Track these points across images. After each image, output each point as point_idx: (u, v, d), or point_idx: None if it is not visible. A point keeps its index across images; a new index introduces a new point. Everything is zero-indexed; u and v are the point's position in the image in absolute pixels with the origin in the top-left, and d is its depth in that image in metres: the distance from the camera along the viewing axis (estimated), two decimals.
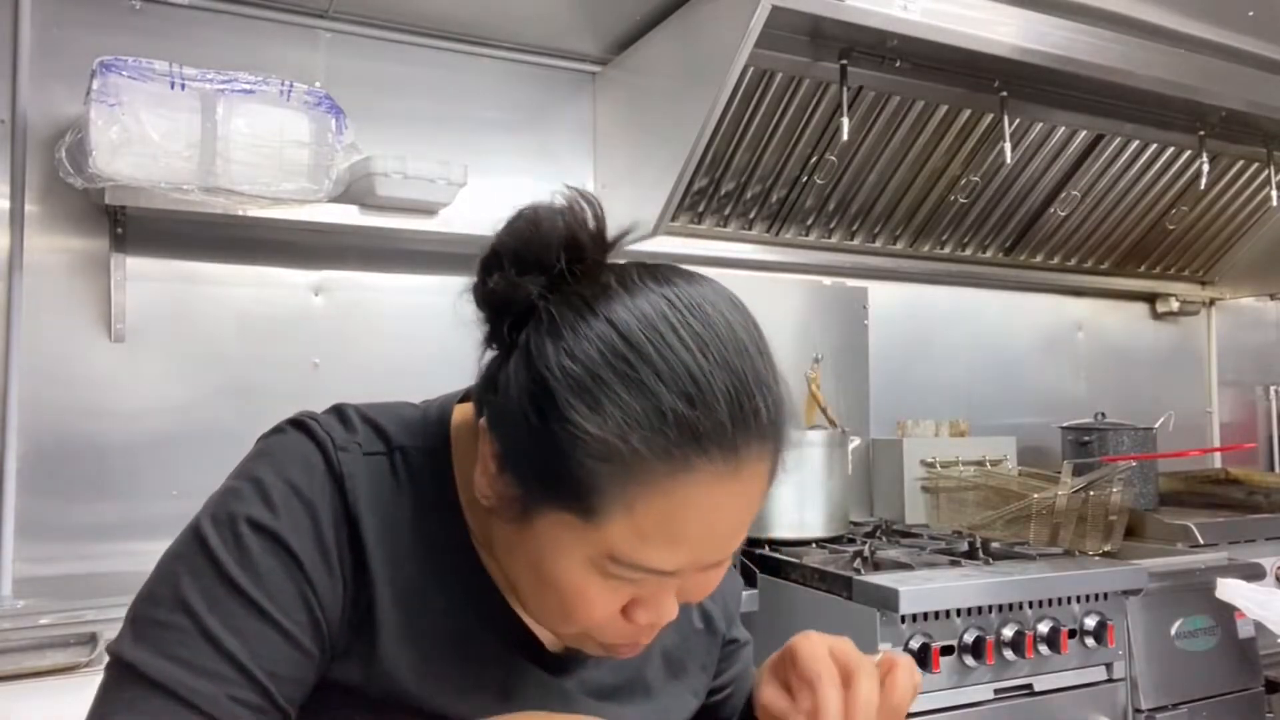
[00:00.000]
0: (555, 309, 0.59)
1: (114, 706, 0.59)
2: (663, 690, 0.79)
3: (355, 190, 1.83)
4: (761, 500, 0.65)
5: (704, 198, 2.24)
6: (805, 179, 2.29)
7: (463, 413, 0.73)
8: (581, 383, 0.56)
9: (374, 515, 0.66)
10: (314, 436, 0.67)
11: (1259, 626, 1.89)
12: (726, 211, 2.30)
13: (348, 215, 1.83)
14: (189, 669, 0.58)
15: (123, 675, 0.59)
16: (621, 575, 0.60)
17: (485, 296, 0.62)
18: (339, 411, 0.71)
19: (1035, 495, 2.01)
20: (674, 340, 0.58)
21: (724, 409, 0.57)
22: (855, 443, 2.10)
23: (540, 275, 0.60)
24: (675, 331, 0.58)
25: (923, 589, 1.54)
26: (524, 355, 0.59)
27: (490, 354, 0.64)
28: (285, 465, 0.66)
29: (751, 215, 2.34)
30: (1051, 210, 2.65)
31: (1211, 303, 3.22)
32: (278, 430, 0.69)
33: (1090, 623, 1.70)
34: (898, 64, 2.09)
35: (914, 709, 1.57)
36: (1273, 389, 3.31)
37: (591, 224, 0.62)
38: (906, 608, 1.52)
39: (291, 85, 1.77)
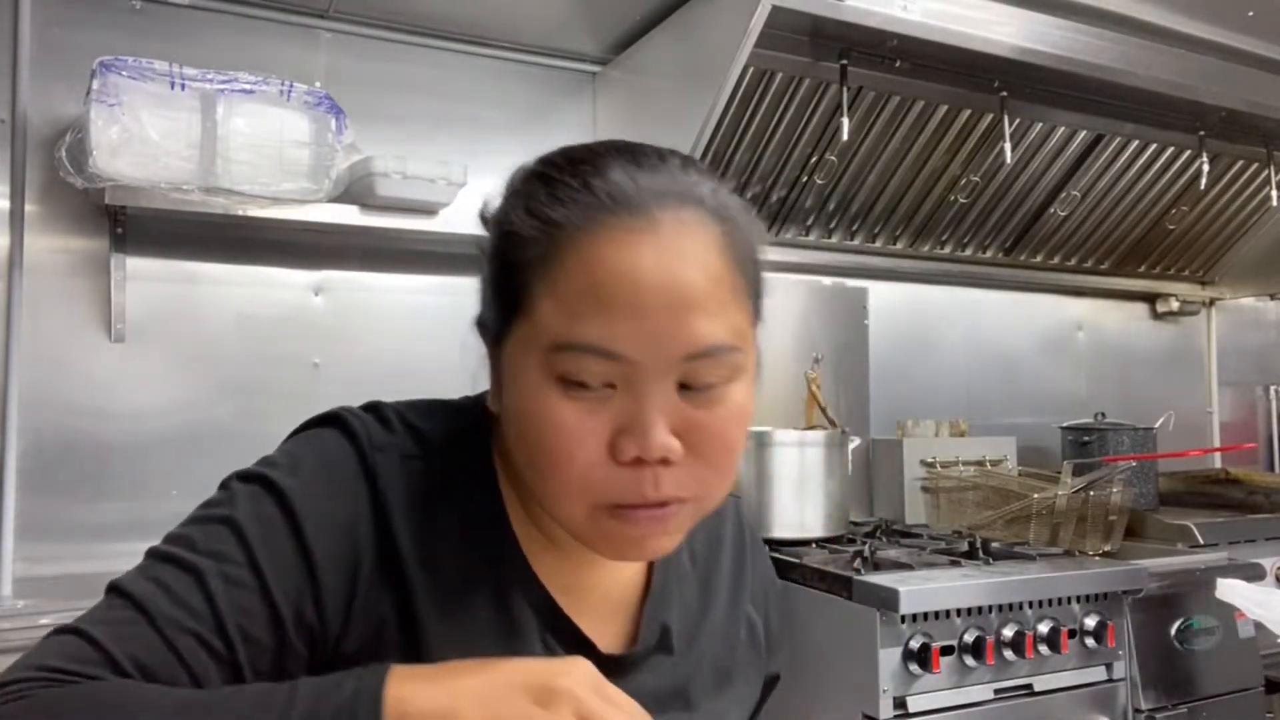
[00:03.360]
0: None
1: (90, 614, 0.60)
2: (708, 701, 0.78)
3: (355, 190, 1.83)
4: (705, 267, 0.62)
5: None
6: (805, 179, 2.29)
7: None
8: (508, 198, 0.65)
9: (410, 522, 0.66)
10: (351, 434, 0.68)
11: (1259, 626, 1.89)
12: None
13: (348, 215, 1.83)
14: (169, 597, 0.59)
15: (109, 591, 0.61)
16: (573, 371, 0.60)
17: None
18: (377, 412, 0.71)
19: (1035, 495, 2.00)
20: (580, 146, 0.65)
21: (623, 172, 0.62)
22: (855, 443, 2.10)
23: None
24: (587, 145, 0.65)
25: (923, 589, 1.54)
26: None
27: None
28: (322, 455, 0.67)
29: None
30: (1051, 210, 2.65)
31: (1211, 303, 3.23)
32: (316, 422, 0.70)
33: (1090, 623, 1.70)
34: (898, 64, 2.09)
35: (914, 709, 1.58)
36: (1273, 389, 3.31)
37: None
38: (906, 608, 1.52)
39: (291, 85, 1.77)
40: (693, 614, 0.78)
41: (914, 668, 1.54)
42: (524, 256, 0.62)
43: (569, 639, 0.70)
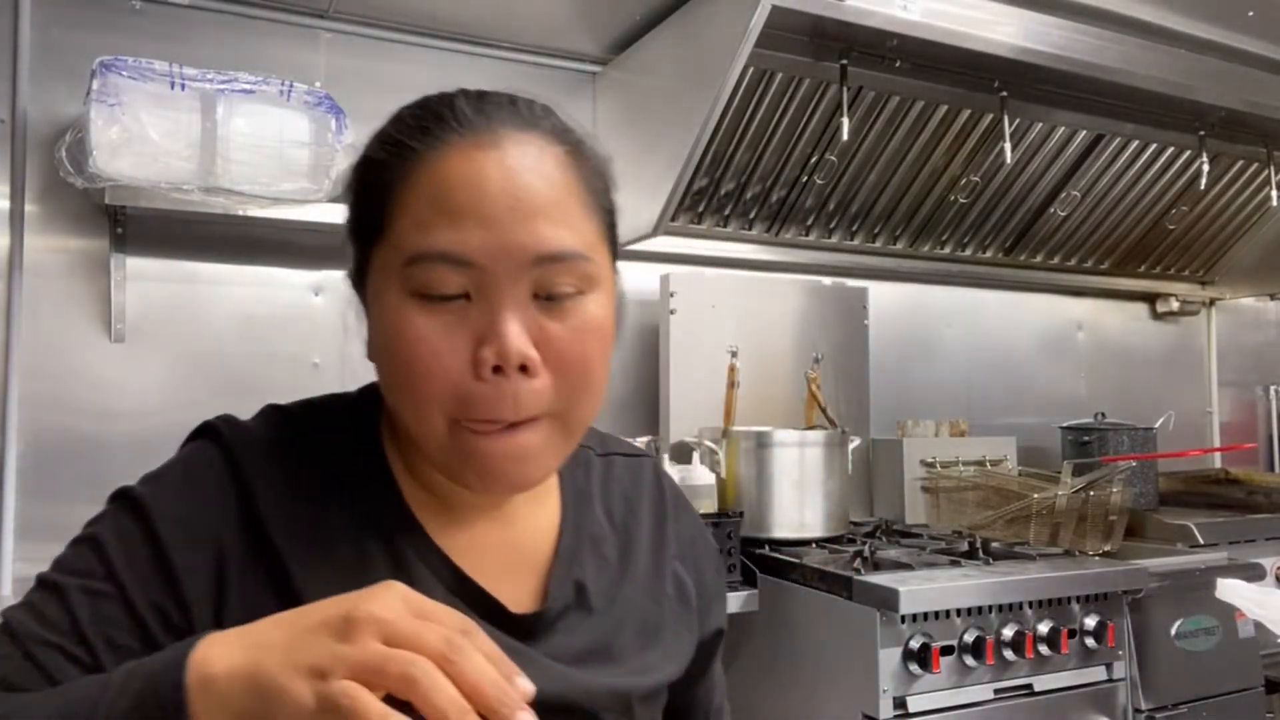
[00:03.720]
0: None
1: None
2: (634, 657, 0.77)
3: None
4: (548, 179, 0.66)
5: (704, 198, 2.24)
6: (805, 179, 2.29)
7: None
8: (369, 141, 0.70)
9: (285, 509, 0.67)
10: (216, 437, 0.71)
11: (1259, 626, 1.89)
12: (726, 211, 2.30)
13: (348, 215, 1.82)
14: (34, 616, 0.62)
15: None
16: (427, 282, 0.63)
17: None
18: (261, 412, 0.74)
19: (1035, 495, 2.00)
20: (434, 94, 0.70)
21: (470, 104, 0.67)
22: (855, 443, 2.10)
23: None
24: (439, 92, 0.70)
25: (923, 589, 1.54)
26: None
27: None
28: (184, 464, 0.70)
29: (751, 215, 2.34)
30: (1051, 210, 2.65)
31: (1211, 303, 3.23)
32: (190, 436, 0.73)
33: (1090, 623, 1.70)
34: (898, 64, 2.09)
35: (914, 709, 1.58)
36: (1273, 389, 3.31)
37: None
38: (906, 608, 1.52)
39: (291, 85, 1.77)
40: (613, 572, 0.79)
41: (914, 668, 1.54)
42: (380, 180, 0.67)
43: (475, 601, 0.70)
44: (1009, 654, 1.62)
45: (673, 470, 1.85)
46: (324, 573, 0.66)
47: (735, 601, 1.76)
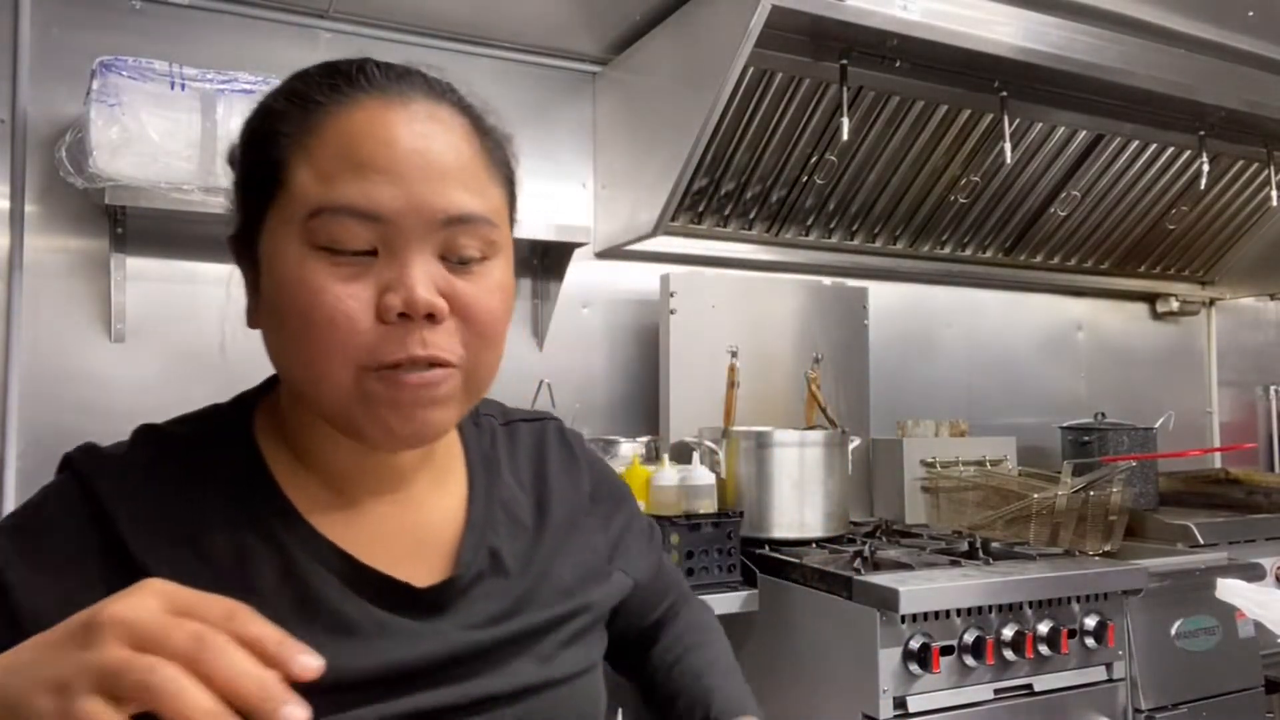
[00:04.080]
0: None
1: None
2: (556, 608, 0.77)
3: None
4: (456, 147, 0.66)
5: (704, 198, 2.24)
6: (805, 179, 2.29)
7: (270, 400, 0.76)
8: (267, 95, 0.69)
9: (147, 527, 0.65)
10: (73, 470, 0.69)
11: (1259, 626, 1.89)
12: (726, 211, 2.30)
13: None
14: None
15: None
16: (333, 235, 0.62)
17: None
18: (133, 434, 0.72)
19: (1035, 495, 2.00)
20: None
21: (376, 65, 0.67)
22: (855, 443, 2.10)
23: None
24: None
25: (923, 589, 1.54)
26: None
27: None
28: (38, 509, 0.68)
29: (751, 215, 2.34)
30: (1051, 210, 2.65)
31: (1211, 303, 3.22)
32: (58, 468, 0.71)
33: (1090, 623, 1.70)
34: (898, 64, 2.09)
35: (914, 709, 1.58)
36: (1273, 389, 3.31)
37: None
38: (906, 608, 1.52)
39: None
40: (528, 535, 0.79)
41: (914, 668, 1.54)
42: (280, 131, 0.65)
43: (373, 584, 0.68)
44: (1009, 654, 1.62)
45: (673, 470, 1.85)
46: (201, 584, 0.61)
47: (735, 601, 1.76)
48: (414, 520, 0.74)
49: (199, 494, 0.68)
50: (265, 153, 0.66)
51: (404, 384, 0.63)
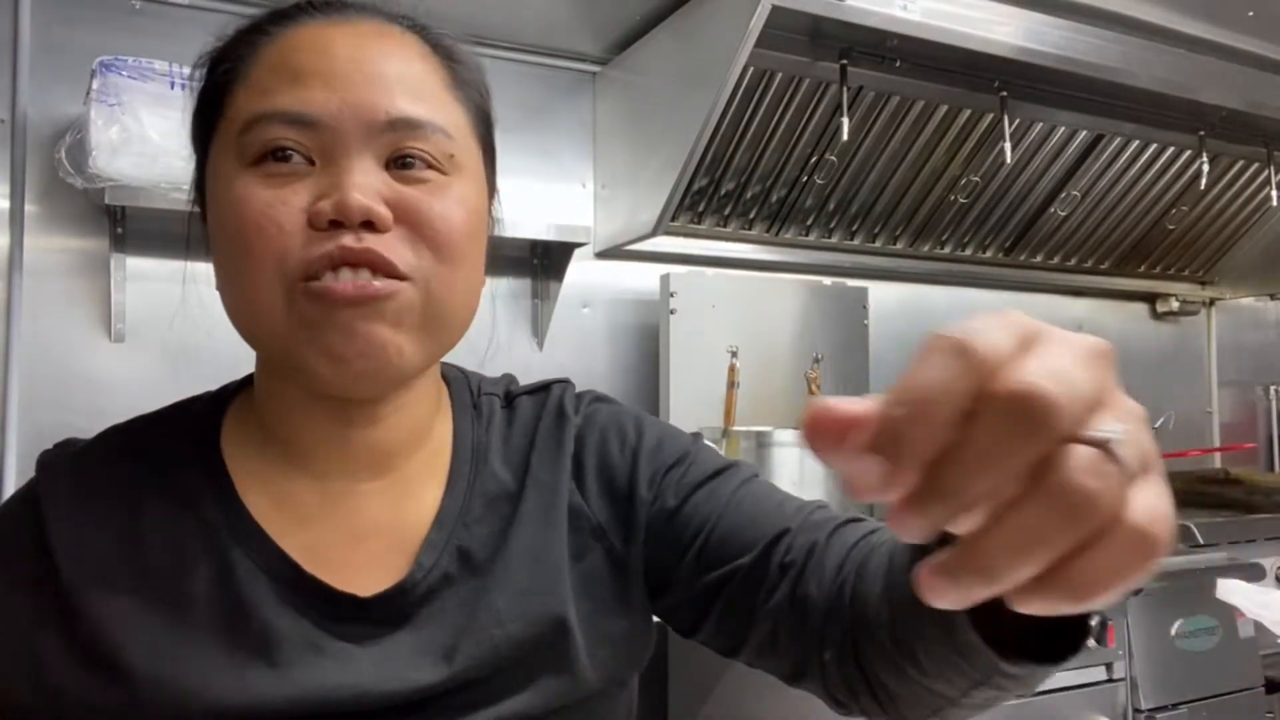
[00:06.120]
0: None
1: None
2: (515, 605, 0.64)
3: None
4: (405, 60, 0.62)
5: (704, 198, 2.24)
6: (805, 179, 2.29)
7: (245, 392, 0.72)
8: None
9: (70, 517, 0.62)
10: (39, 463, 0.67)
11: (1259, 626, 1.89)
12: (726, 211, 2.30)
13: None
14: None
15: None
16: (264, 142, 0.58)
17: None
18: (101, 432, 0.70)
19: None
20: None
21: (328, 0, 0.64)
22: None
23: None
24: None
25: None
26: None
27: None
28: (8, 502, 0.67)
29: (751, 215, 2.34)
30: (1051, 210, 2.64)
31: (1211, 303, 3.22)
32: None
33: (1090, 623, 1.70)
34: (898, 64, 2.09)
35: None
36: (1273, 389, 3.31)
37: None
38: None
39: None
40: (503, 522, 0.67)
41: None
42: (223, 63, 0.64)
43: (313, 596, 0.61)
44: None
45: None
46: (133, 591, 0.60)
47: None
48: (392, 517, 0.65)
49: (147, 495, 0.64)
50: (208, 88, 0.64)
51: (336, 293, 0.56)
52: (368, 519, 0.66)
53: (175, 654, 0.58)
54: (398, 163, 0.59)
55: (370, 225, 0.57)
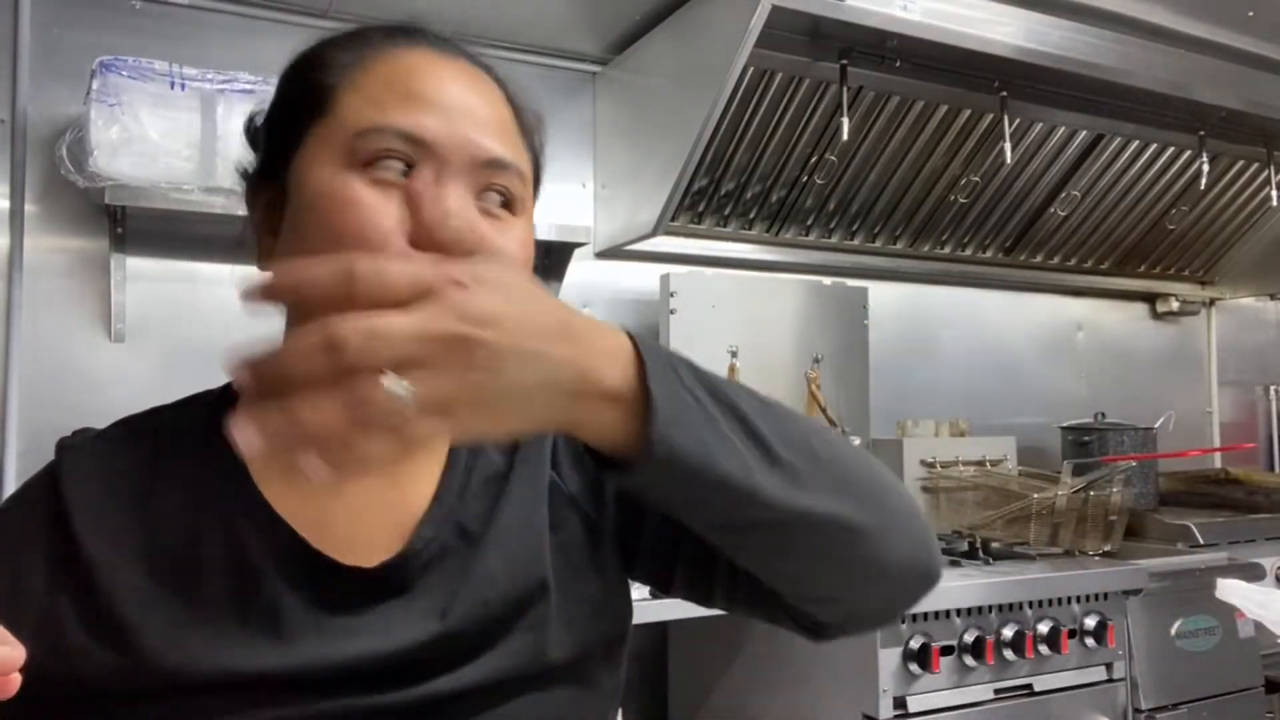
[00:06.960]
0: None
1: None
2: (504, 581, 0.69)
3: None
4: (495, 106, 0.69)
5: (704, 198, 2.24)
6: (805, 179, 2.29)
7: None
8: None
9: (98, 517, 0.64)
10: (57, 451, 0.69)
11: (1259, 626, 1.89)
12: (726, 211, 2.30)
13: None
14: None
15: None
16: (374, 152, 0.62)
17: None
18: (123, 418, 0.72)
19: (1035, 495, 2.01)
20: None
21: (431, 30, 0.72)
22: (855, 442, 2.09)
23: None
24: None
25: None
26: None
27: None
28: (19, 490, 0.69)
29: (751, 215, 2.34)
30: (1051, 210, 2.65)
31: (1211, 303, 3.22)
32: None
33: (1090, 623, 1.70)
34: (897, 64, 2.09)
35: (914, 709, 1.58)
36: (1273, 389, 3.31)
37: None
38: None
39: None
40: (494, 496, 0.72)
41: (914, 668, 1.54)
42: (333, 61, 0.68)
43: (318, 570, 0.65)
44: (1009, 654, 1.62)
45: None
46: (149, 569, 0.63)
47: None
48: (395, 495, 0.70)
49: (162, 475, 0.67)
50: (314, 78, 0.68)
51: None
52: (372, 496, 0.70)
53: (187, 627, 0.62)
54: (480, 197, 0.66)
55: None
